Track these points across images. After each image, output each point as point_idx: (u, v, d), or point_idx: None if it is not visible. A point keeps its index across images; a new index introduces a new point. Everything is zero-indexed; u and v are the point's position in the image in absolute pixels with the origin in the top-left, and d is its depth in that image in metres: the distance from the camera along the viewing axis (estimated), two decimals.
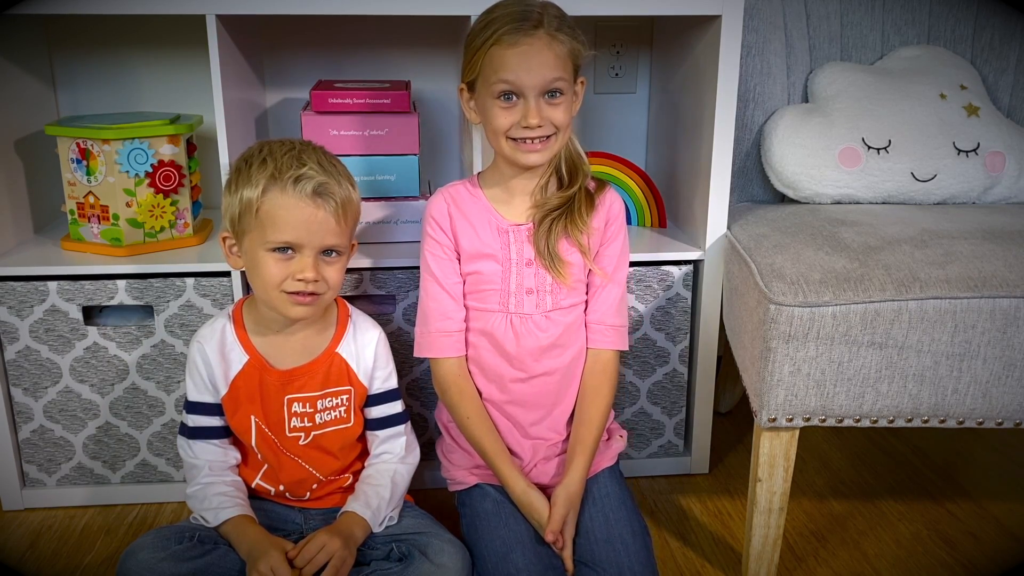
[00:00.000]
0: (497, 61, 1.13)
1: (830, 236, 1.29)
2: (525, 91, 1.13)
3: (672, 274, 1.47)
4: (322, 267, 1.14)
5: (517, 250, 1.23)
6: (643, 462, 1.57)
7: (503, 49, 1.12)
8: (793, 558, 1.36)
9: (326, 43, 1.69)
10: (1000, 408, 1.18)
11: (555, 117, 1.15)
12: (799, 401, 1.18)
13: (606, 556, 1.14)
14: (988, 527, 1.45)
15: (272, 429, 1.20)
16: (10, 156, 1.47)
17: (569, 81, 1.16)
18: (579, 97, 1.22)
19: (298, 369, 1.20)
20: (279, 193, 1.11)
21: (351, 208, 1.17)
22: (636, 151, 1.80)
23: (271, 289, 1.13)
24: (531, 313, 1.23)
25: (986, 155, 1.53)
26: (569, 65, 1.16)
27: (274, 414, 1.20)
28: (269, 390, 1.19)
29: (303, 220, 1.11)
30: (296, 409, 1.20)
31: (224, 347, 1.19)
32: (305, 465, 1.22)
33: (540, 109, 1.14)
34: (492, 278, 1.23)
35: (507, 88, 1.14)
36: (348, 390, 1.22)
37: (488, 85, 1.15)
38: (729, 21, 1.35)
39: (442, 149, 1.76)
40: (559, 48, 1.14)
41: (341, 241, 1.15)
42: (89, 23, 1.62)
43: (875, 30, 1.66)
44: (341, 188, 1.14)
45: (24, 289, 1.36)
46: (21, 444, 1.43)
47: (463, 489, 1.27)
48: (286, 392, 1.19)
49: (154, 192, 1.42)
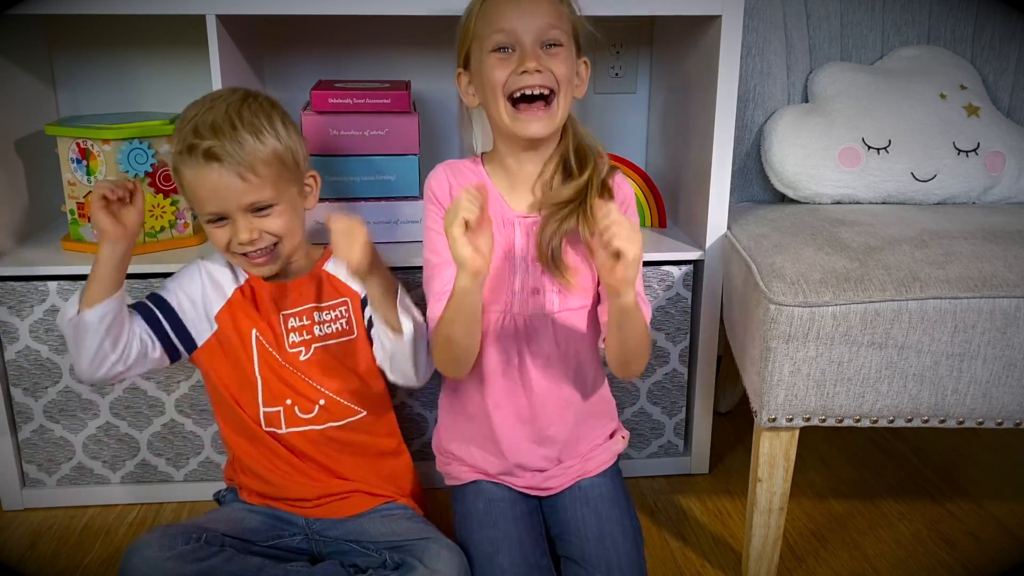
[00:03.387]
0: (492, 13, 1.11)
1: (830, 236, 1.29)
2: (521, 37, 1.09)
3: (672, 274, 1.47)
4: (257, 223, 1.15)
5: (522, 245, 1.17)
6: (643, 462, 1.57)
7: (497, 1, 1.11)
8: (793, 558, 1.36)
9: (326, 43, 1.69)
10: (1000, 408, 1.18)
11: (554, 66, 1.10)
12: (799, 401, 1.18)
13: (596, 554, 1.14)
14: (988, 527, 1.45)
15: (272, 345, 1.21)
16: (10, 156, 1.47)
17: (568, 35, 1.13)
18: (583, 79, 1.18)
19: (290, 283, 1.23)
20: (183, 167, 1.14)
21: (261, 157, 1.12)
22: (636, 151, 1.80)
23: (225, 254, 1.18)
24: (535, 315, 1.18)
25: (986, 155, 1.53)
26: (567, 23, 1.13)
27: (272, 329, 1.22)
28: (264, 306, 1.22)
29: (211, 188, 1.13)
30: (293, 324, 1.22)
31: (224, 270, 1.23)
32: (309, 380, 1.21)
33: (538, 56, 1.10)
34: (493, 274, 1.14)
35: (503, 39, 1.10)
36: (344, 301, 1.24)
37: (482, 43, 1.11)
38: (729, 21, 1.35)
39: (442, 149, 1.76)
40: (556, 3, 1.12)
41: (262, 195, 1.14)
42: (89, 23, 1.62)
43: (875, 30, 1.66)
44: (237, 145, 1.11)
45: (24, 289, 1.36)
46: (21, 444, 1.43)
47: (458, 485, 1.27)
48: (281, 308, 1.22)
49: (154, 192, 1.42)
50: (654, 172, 1.71)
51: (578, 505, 1.20)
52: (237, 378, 1.22)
